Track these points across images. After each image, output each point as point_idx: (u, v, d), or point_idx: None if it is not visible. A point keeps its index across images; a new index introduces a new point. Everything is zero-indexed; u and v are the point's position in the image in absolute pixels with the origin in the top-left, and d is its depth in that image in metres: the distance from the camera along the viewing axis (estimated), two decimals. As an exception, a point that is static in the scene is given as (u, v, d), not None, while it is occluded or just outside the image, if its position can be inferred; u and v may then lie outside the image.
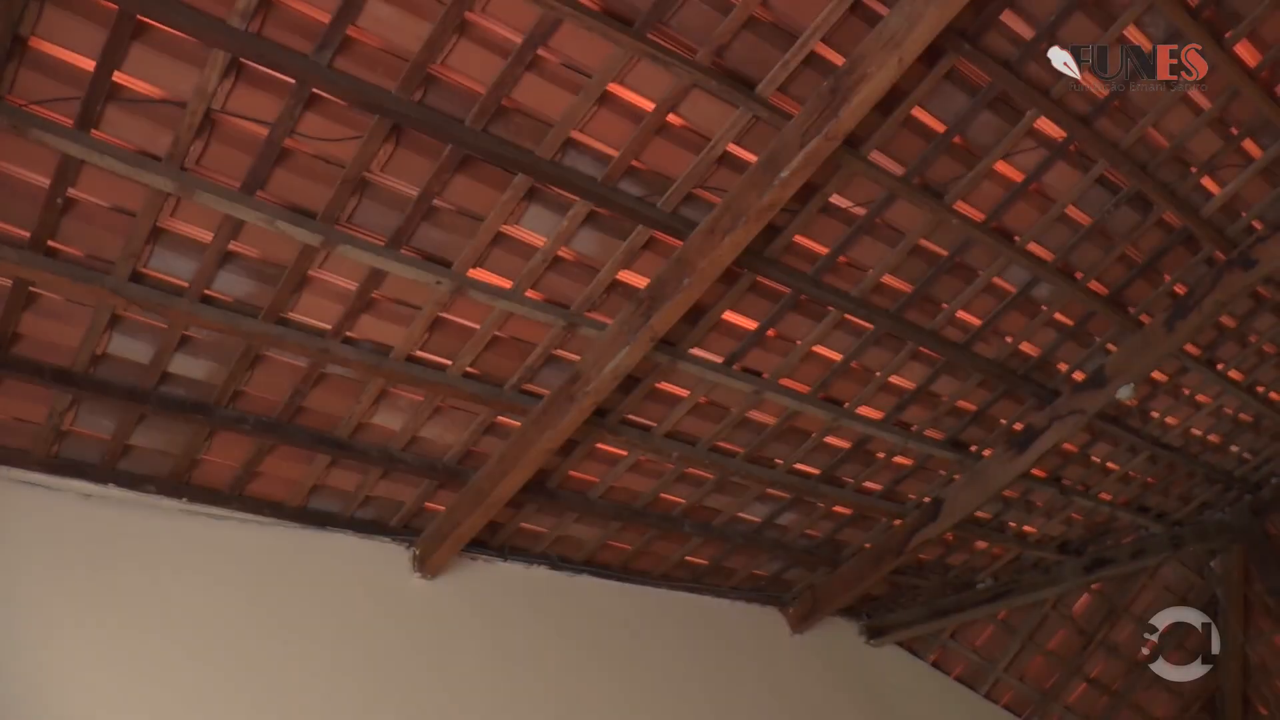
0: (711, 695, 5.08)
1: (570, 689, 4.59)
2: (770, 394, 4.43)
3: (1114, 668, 6.80)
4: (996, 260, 4.24)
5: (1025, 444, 4.97)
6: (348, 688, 3.96)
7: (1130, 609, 6.68)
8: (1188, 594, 6.77)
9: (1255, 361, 5.34)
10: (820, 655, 5.75)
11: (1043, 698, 6.63)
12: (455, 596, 4.55)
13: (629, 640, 4.99)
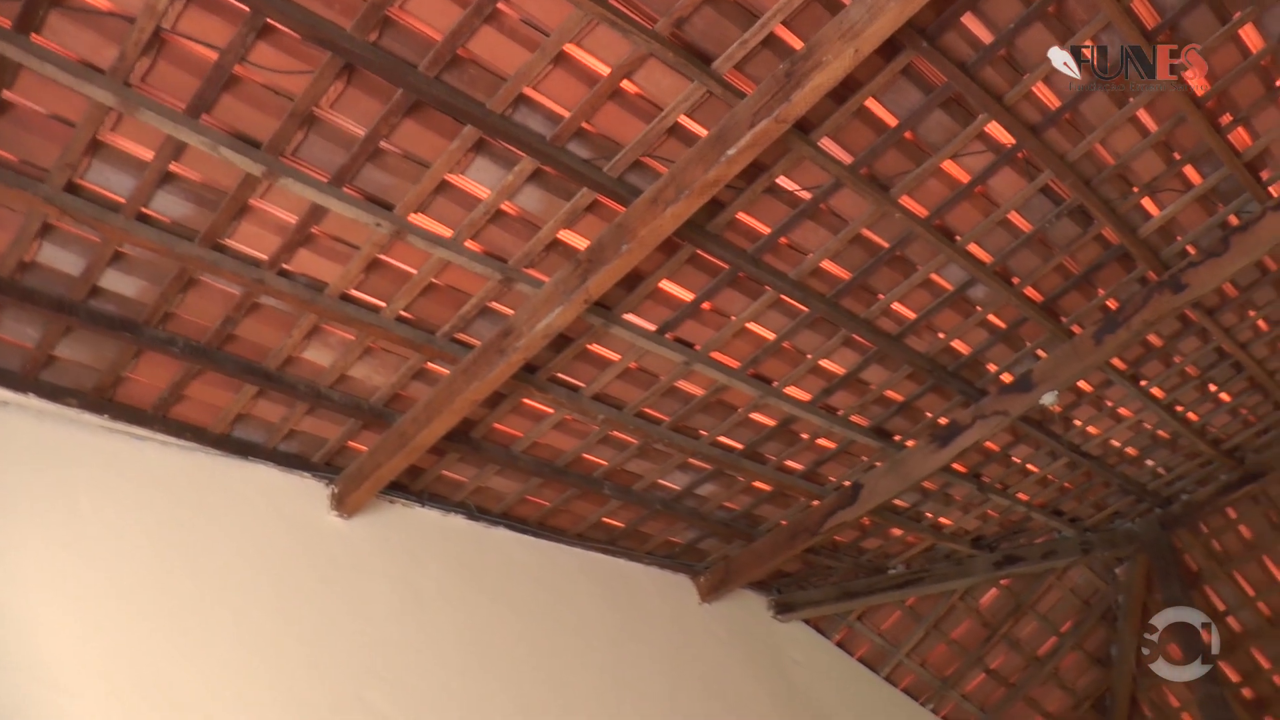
0: (616, 656, 5.16)
1: (477, 639, 4.64)
2: (700, 366, 4.50)
3: (1013, 661, 6.99)
4: (936, 257, 4.31)
5: (948, 438, 5.07)
6: (256, 619, 3.98)
7: (1035, 607, 6.86)
8: (1091, 597, 6.96)
9: (1177, 382, 5.48)
10: (727, 626, 5.86)
11: (942, 685, 6.80)
12: (370, 538, 4.59)
13: (539, 595, 5.06)
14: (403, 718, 4.16)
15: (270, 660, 3.93)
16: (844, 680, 6.43)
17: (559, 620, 5.05)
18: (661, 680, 5.30)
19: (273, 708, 3.82)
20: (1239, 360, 5.33)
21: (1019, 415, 5.00)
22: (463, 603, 4.71)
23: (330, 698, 4.01)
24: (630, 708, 5.05)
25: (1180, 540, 6.73)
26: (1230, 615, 6.93)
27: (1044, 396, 4.88)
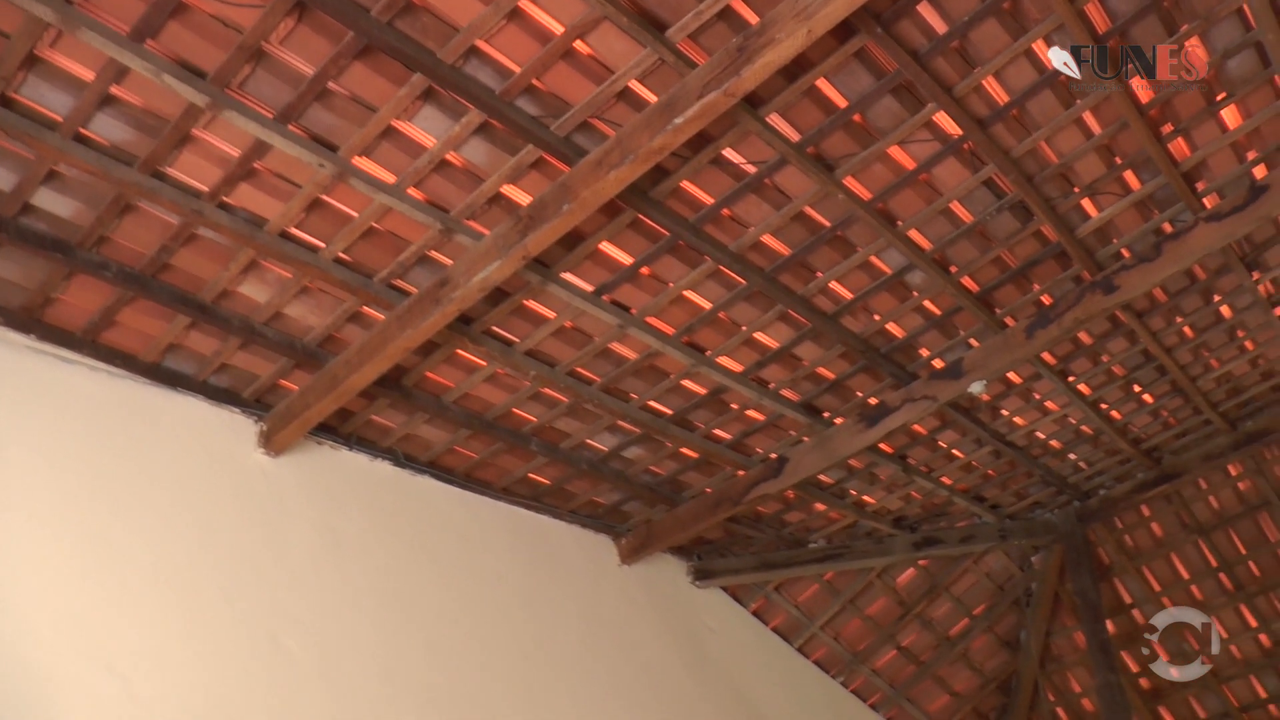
0: (533, 612, 5.24)
1: (394, 587, 4.69)
2: (635, 330, 4.56)
3: (925, 640, 7.16)
4: (876, 241, 4.39)
5: (876, 419, 5.16)
6: (173, 552, 4.01)
7: (951, 588, 7.04)
8: (1006, 583, 7.15)
9: (1104, 380, 5.62)
10: (645, 588, 5.96)
11: (853, 659, 6.97)
12: (296, 477, 4.62)
13: (460, 547, 5.12)
14: (314, 661, 4.21)
15: (185, 594, 3.96)
16: (757, 649, 6.56)
17: (478, 572, 5.11)
18: (576, 638, 5.38)
19: (184, 641, 3.86)
20: (1164, 364, 5.47)
21: (947, 401, 5.09)
22: (383, 549, 4.76)
23: (242, 636, 4.05)
24: (544, 663, 5.13)
25: (1095, 534, 6.92)
26: (1135, 608, 7.15)
27: (973, 385, 4.98)
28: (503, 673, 4.92)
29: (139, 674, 3.68)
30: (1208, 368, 5.70)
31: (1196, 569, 6.92)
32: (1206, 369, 5.71)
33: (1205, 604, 6.97)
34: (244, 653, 4.02)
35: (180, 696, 3.75)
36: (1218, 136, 4.22)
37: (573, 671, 5.24)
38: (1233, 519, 6.69)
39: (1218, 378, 5.80)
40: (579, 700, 5.17)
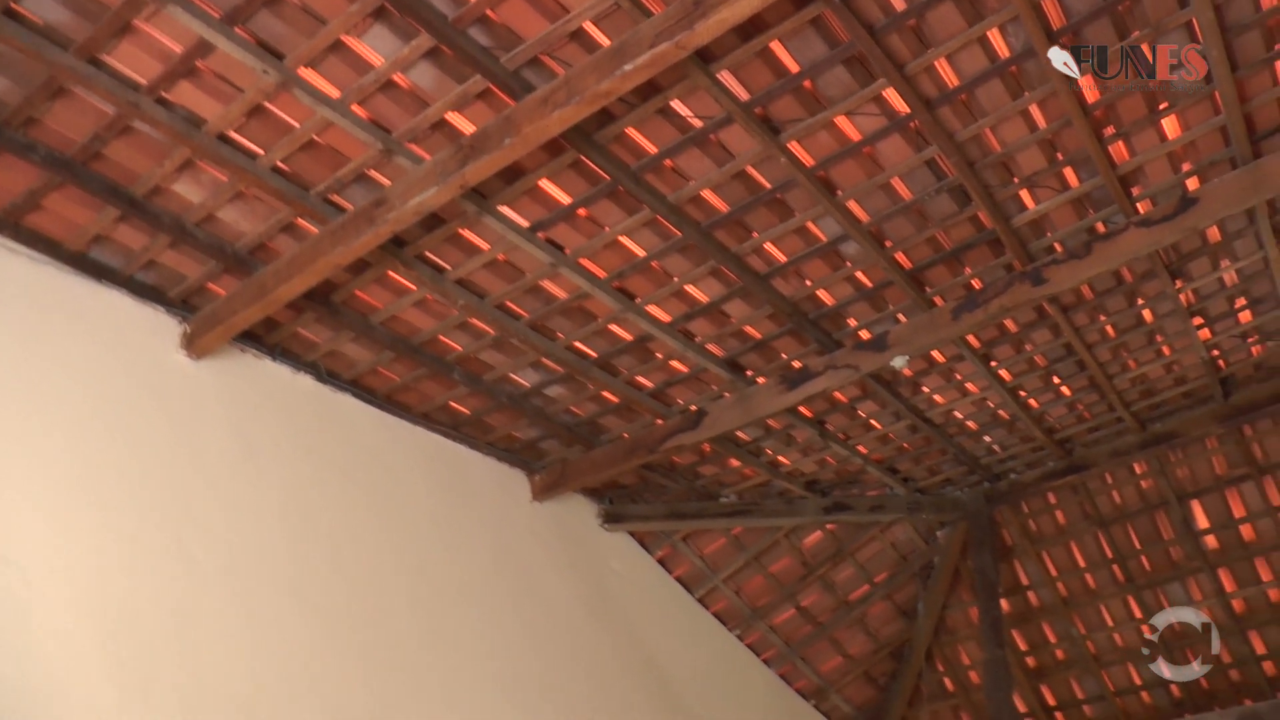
0: (440, 540, 5.31)
1: (304, 501, 4.73)
2: (566, 270, 4.60)
3: (825, 602, 7.34)
4: (814, 207, 4.45)
5: (797, 382, 5.26)
6: (84, 446, 4.02)
7: (855, 554, 7.20)
8: (910, 554, 7.33)
9: (1025, 368, 5.75)
10: (554, 526, 6.04)
11: (752, 614, 7.13)
12: (215, 382, 4.63)
13: (374, 468, 5.16)
14: (216, 568, 4.24)
15: (91, 489, 3.98)
16: (658, 596, 6.69)
17: (389, 495, 5.16)
18: (481, 568, 5.46)
19: (86, 535, 3.88)
20: (1084, 360, 5.61)
21: (869, 372, 5.20)
22: (297, 463, 4.79)
23: (147, 536, 4.07)
24: (447, 590, 5.21)
25: (1001, 515, 7.10)
26: (1031, 590, 7.36)
27: (896, 359, 5.09)
28: (406, 595, 4.98)
29: (36, 564, 3.70)
30: (1125, 368, 5.86)
31: (1093, 558, 7.13)
32: (1124, 369, 5.87)
33: (1097, 592, 7.21)
34: (147, 552, 4.04)
35: (78, 590, 3.77)
36: (1156, 145, 4.32)
37: (475, 600, 5.32)
38: (1132, 515, 6.90)
39: (1133, 378, 5.96)
40: (479, 630, 5.25)
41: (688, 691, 6.44)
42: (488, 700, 5.08)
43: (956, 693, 7.81)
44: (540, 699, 5.35)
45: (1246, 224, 4.82)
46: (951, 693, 7.84)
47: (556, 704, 5.43)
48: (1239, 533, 6.76)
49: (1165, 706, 7.37)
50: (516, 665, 5.34)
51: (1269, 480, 6.54)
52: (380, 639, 4.74)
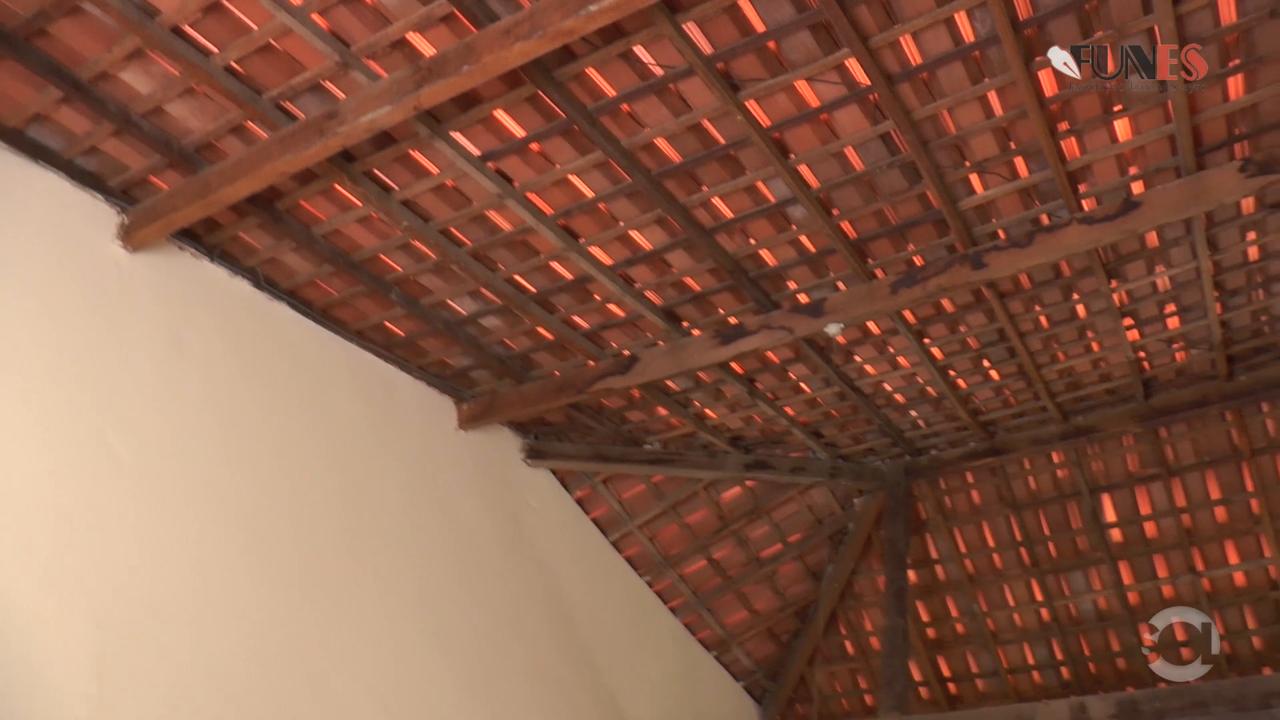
0: (362, 457, 5.32)
1: (231, 407, 4.71)
2: (513, 203, 4.59)
3: (736, 557, 7.46)
4: (766, 168, 4.47)
5: (731, 338, 5.31)
6: (8, 326, 3.96)
7: (772, 513, 7.32)
8: (825, 518, 7.46)
9: (957, 349, 5.85)
10: (477, 456, 6.08)
11: (664, 562, 7.23)
12: (150, 277, 4.58)
13: (303, 379, 5.16)
14: (137, 465, 4.22)
15: (15, 375, 3.93)
16: (573, 535, 6.77)
17: (317, 408, 5.16)
18: (401, 490, 5.49)
19: (7, 422, 3.85)
20: (1015, 347, 5.72)
21: (803, 336, 5.26)
22: (226, 367, 4.77)
23: (71, 428, 4.05)
24: (364, 509, 5.23)
25: (918, 489, 7.25)
26: (939, 564, 7.55)
27: (831, 325, 5.15)
28: (325, 508, 5.00)
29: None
30: (1054, 359, 5.99)
31: (1002, 540, 7.32)
32: (1053, 360, 5.99)
33: (1003, 573, 7.41)
34: (66, 442, 4.02)
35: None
36: (1107, 145, 4.39)
37: (392, 520, 5.35)
38: (1045, 501, 7.09)
39: (1061, 370, 6.09)
40: (394, 549, 5.29)
41: (592, 631, 6.54)
42: (396, 618, 5.13)
43: (856, 656, 8.01)
44: (447, 623, 5.41)
45: (1184, 233, 4.93)
46: (851, 656, 8.04)
47: (462, 629, 5.49)
48: (1142, 529, 6.98)
49: (1054, 687, 7.63)
50: (427, 588, 5.39)
51: (1177, 482, 6.75)
52: (295, 548, 4.76)
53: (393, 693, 4.94)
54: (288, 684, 4.47)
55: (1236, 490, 6.66)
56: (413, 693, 5.06)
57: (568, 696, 6.14)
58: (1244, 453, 6.50)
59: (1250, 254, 5.16)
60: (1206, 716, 5.11)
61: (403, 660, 5.08)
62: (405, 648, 5.12)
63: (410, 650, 5.15)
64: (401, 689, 5.00)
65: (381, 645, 5.00)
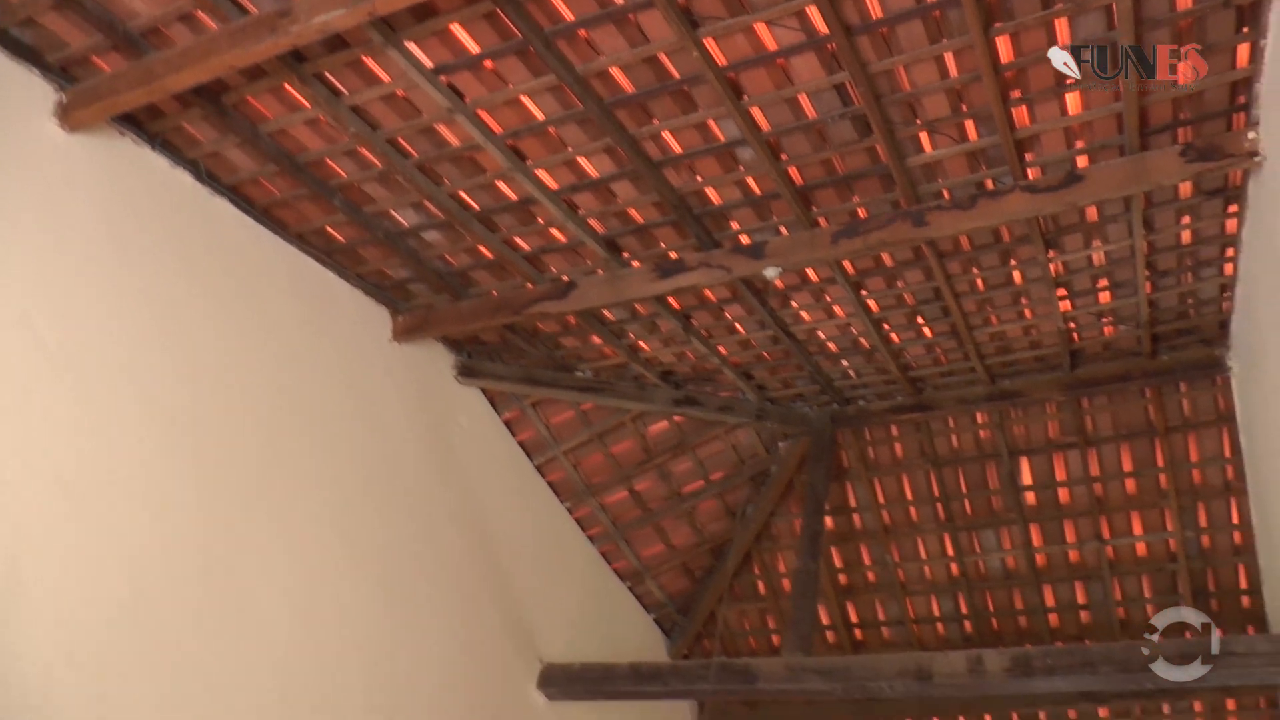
0: (295, 361, 5.31)
1: (162, 300, 4.66)
2: (463, 118, 4.57)
3: (658, 490, 7.58)
4: (718, 107, 4.48)
5: (670, 273, 5.35)
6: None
7: (696, 450, 7.44)
8: (749, 459, 7.58)
9: (893, 304, 5.94)
10: (408, 369, 6.10)
11: (586, 489, 7.33)
12: (87, 159, 4.51)
13: (241, 277, 5.12)
14: (60, 347, 4.18)
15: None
16: (498, 456, 6.83)
17: (251, 306, 5.12)
18: (330, 396, 5.49)
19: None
20: (949, 307, 5.82)
21: (742, 276, 5.32)
22: (161, 256, 4.71)
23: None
24: (292, 411, 5.22)
25: (843, 438, 7.39)
26: (856, 513, 7.72)
27: (769, 269, 5.21)
28: (251, 408, 4.98)
29: None
30: (987, 322, 6.11)
31: (920, 494, 7.50)
32: (985, 323, 6.12)
33: (918, 526, 7.61)
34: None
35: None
36: (1056, 118, 4.45)
37: (319, 425, 5.37)
38: (965, 460, 7.27)
39: (993, 334, 6.22)
40: (318, 454, 5.30)
41: (508, 552, 6.63)
42: (312, 518, 5.16)
43: (767, 597, 8.20)
44: (363, 528, 5.46)
45: (1122, 211, 5.03)
46: (762, 596, 8.23)
47: (377, 535, 5.55)
48: (1056, 494, 7.19)
49: (956, 640, 7.89)
50: (346, 492, 5.43)
51: (1093, 452, 6.95)
52: (218, 441, 4.76)
53: (300, 589, 4.99)
54: (198, 573, 4.49)
55: (1147, 465, 6.88)
56: (320, 592, 5.11)
57: (477, 613, 6.24)
58: (1159, 429, 6.70)
59: (1183, 237, 5.29)
60: (1094, 675, 5.33)
61: (314, 559, 5.12)
62: (318, 547, 5.16)
63: (323, 550, 5.19)
64: (310, 587, 5.05)
65: (295, 543, 5.03)
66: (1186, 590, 7.13)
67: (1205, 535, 7.00)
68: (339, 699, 5.10)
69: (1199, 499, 6.90)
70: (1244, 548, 6.83)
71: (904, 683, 5.68)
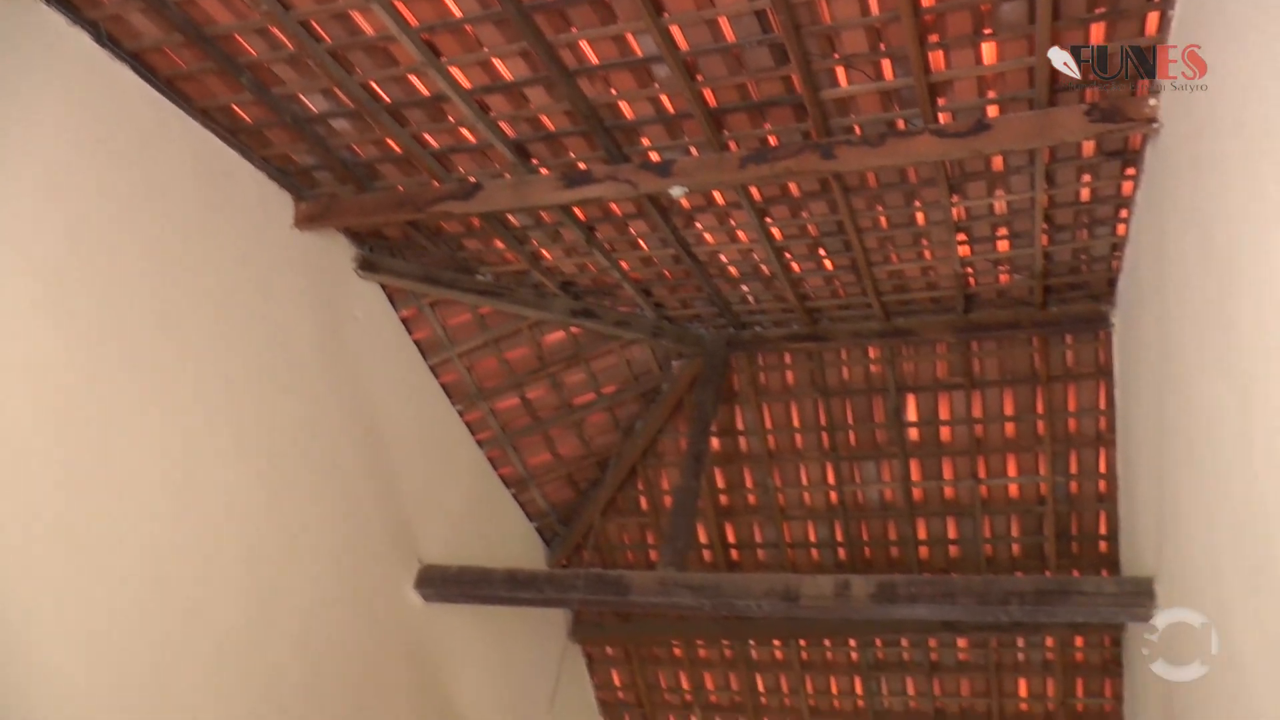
0: (193, 236, 5.22)
1: (56, 160, 4.56)
2: (378, 7, 4.48)
3: (550, 399, 7.65)
4: (638, 21, 4.47)
5: (577, 183, 5.37)
6: None
7: (590, 362, 7.52)
8: (642, 375, 7.68)
9: (796, 233, 6.05)
10: (308, 257, 6.03)
11: (478, 393, 7.38)
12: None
13: (140, 148, 5.00)
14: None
15: None
16: (392, 353, 6.83)
17: (144, 176, 4.99)
18: (226, 277, 5.42)
19: None
20: (851, 241, 5.95)
21: (647, 193, 5.36)
22: (54, 119, 4.58)
23: None
24: (186, 290, 5.15)
25: (736, 361, 7.52)
26: (743, 436, 7.89)
27: (675, 188, 5.25)
28: (143, 281, 4.90)
29: None
30: (887, 259, 6.26)
31: (807, 422, 7.68)
32: (885, 260, 6.26)
33: (801, 453, 7.80)
34: None
35: None
36: (971, 65, 4.56)
37: (209, 306, 5.30)
38: (853, 392, 7.47)
39: (891, 271, 6.38)
40: (206, 334, 5.25)
41: (395, 450, 6.67)
42: (198, 400, 5.15)
43: (648, 512, 8.38)
44: (250, 414, 5.47)
45: (1027, 163, 5.19)
46: (644, 512, 8.40)
47: (264, 423, 5.56)
48: (938, 432, 7.43)
49: (828, 565, 8.16)
50: (235, 376, 5.40)
51: (977, 394, 7.19)
52: (105, 314, 4.69)
53: (179, 463, 4.99)
54: (76, 446, 4.49)
55: (1027, 411, 7.15)
56: (200, 469, 5.12)
57: (359, 508, 6.30)
58: (1041, 377, 6.96)
59: (1082, 195, 5.47)
60: (953, 605, 5.61)
61: (196, 434, 5.11)
62: (201, 423, 5.15)
63: (206, 427, 5.18)
64: (189, 461, 5.05)
65: (178, 424, 5.02)
66: (1051, 532, 7.47)
67: (1074, 481, 7.33)
68: (213, 576, 5.15)
69: (1072, 447, 7.21)
70: (1107, 496, 7.18)
71: (771, 602, 5.90)
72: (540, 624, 8.17)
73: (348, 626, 6.13)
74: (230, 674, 5.22)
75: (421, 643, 6.85)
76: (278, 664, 5.53)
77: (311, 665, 5.78)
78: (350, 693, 6.10)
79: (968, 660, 8.35)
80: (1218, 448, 3.76)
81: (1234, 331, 3.42)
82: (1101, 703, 8.10)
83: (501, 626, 7.72)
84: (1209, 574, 4.05)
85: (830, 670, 8.78)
